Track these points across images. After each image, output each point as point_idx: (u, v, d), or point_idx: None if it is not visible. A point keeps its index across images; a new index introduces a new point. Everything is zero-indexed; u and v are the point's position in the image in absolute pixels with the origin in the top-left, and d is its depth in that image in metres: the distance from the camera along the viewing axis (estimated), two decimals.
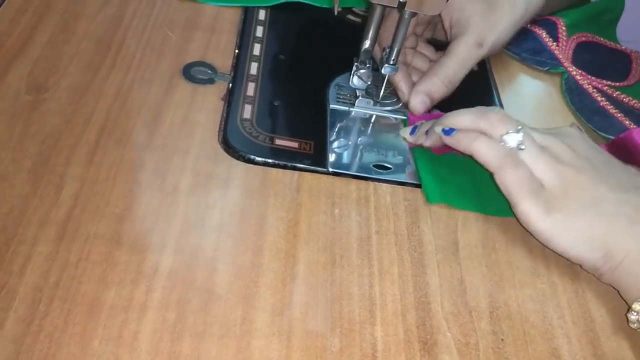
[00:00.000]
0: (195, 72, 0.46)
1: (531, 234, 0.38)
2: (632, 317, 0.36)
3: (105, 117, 0.42)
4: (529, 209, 0.37)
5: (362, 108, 0.47)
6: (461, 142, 0.40)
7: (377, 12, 0.42)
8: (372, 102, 0.47)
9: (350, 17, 0.57)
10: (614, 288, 0.38)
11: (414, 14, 0.41)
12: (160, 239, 0.35)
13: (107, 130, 0.41)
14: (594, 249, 0.37)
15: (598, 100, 0.54)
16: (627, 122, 0.52)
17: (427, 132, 0.43)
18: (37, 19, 0.48)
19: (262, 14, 0.53)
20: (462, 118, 0.41)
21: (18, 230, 0.34)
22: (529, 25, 0.58)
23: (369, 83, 0.46)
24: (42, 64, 0.44)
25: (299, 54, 0.51)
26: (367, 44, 0.44)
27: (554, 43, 0.57)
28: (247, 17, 0.53)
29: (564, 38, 0.58)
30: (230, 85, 0.46)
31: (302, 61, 0.51)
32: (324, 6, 0.55)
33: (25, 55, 0.45)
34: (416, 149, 0.45)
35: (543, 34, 0.58)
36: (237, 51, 0.49)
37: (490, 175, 0.39)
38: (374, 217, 0.40)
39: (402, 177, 0.42)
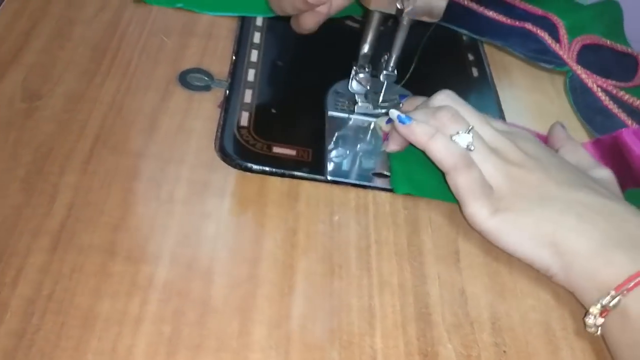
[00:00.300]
0: (191, 79, 0.46)
1: (480, 234, 0.38)
2: (589, 320, 0.34)
3: (100, 125, 0.41)
4: (477, 211, 0.37)
5: (361, 114, 0.46)
6: (416, 136, 0.39)
7: (376, 17, 0.41)
8: (371, 107, 0.46)
9: (349, 22, 0.56)
10: (569, 291, 0.37)
11: (412, 20, 0.41)
12: (155, 249, 0.35)
13: (102, 138, 0.40)
14: (542, 247, 0.36)
15: (602, 100, 0.53)
16: (629, 122, 0.51)
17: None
18: (32, 25, 0.47)
19: (259, 20, 0.53)
20: (414, 114, 0.41)
21: (10, 241, 0.33)
22: (531, 27, 0.58)
23: (368, 88, 0.45)
24: (36, 70, 0.44)
25: (297, 60, 0.51)
26: (365, 48, 0.43)
27: (557, 45, 0.57)
28: (245, 23, 0.52)
29: (566, 41, 0.58)
30: (227, 92, 0.45)
31: (300, 67, 0.50)
32: None
33: (20, 62, 0.44)
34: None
35: (545, 36, 0.57)
36: (234, 57, 0.48)
37: (442, 173, 0.39)
38: (373, 226, 0.39)
39: None
